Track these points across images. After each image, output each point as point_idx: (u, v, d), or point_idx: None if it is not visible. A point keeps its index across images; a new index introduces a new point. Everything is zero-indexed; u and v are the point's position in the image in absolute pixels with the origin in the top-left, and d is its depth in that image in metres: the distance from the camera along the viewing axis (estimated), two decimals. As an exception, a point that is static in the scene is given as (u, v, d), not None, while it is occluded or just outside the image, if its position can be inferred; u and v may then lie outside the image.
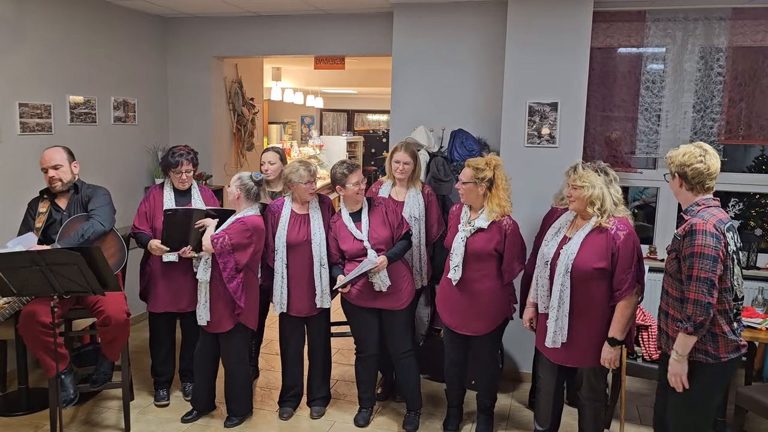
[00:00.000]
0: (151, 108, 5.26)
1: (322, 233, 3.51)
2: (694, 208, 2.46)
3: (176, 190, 3.74)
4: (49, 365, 3.18)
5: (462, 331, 3.34)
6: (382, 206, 3.50)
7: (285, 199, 3.58)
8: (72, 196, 3.49)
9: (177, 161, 3.64)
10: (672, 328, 2.50)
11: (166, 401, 3.84)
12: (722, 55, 4.08)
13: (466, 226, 3.24)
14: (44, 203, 3.47)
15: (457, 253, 3.23)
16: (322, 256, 3.49)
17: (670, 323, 2.51)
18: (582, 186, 2.81)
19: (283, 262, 3.49)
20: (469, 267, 3.22)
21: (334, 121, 13.64)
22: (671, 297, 2.52)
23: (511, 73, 4.13)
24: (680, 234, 2.44)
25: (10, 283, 2.86)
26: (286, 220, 3.50)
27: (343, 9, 4.81)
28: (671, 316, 2.51)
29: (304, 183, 3.44)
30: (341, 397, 4.00)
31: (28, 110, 4.11)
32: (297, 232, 3.48)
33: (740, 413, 3.23)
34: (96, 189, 3.54)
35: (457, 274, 3.23)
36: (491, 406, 3.55)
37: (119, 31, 4.87)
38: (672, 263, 2.49)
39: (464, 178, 3.24)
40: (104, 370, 3.57)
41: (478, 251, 3.21)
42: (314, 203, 3.56)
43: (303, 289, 3.51)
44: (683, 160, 2.44)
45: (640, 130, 4.26)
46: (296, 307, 3.54)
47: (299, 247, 3.48)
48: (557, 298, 2.86)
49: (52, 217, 3.43)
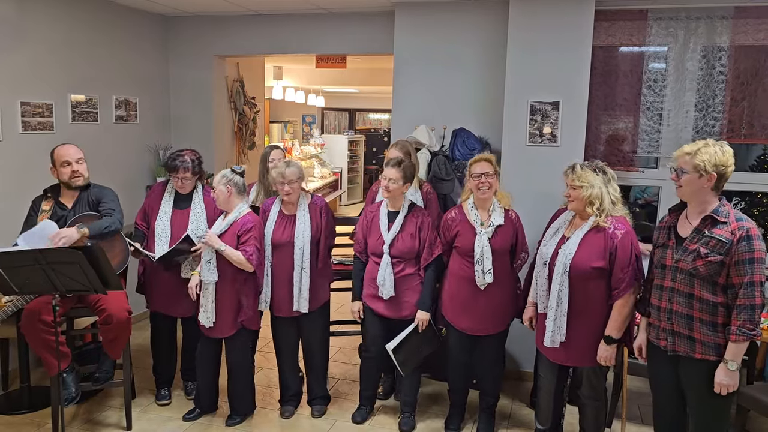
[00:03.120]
0: (153, 107, 5.26)
1: (306, 236, 3.46)
2: (723, 209, 2.44)
3: (177, 193, 3.71)
4: (51, 364, 3.19)
5: (477, 332, 3.34)
6: (420, 218, 3.42)
7: (276, 198, 3.58)
8: (80, 194, 3.47)
9: (174, 166, 3.60)
10: (701, 332, 2.44)
11: (168, 400, 3.84)
12: (724, 53, 4.06)
13: (483, 227, 3.23)
14: (48, 202, 3.45)
15: (486, 256, 3.19)
16: (304, 259, 3.46)
17: (697, 326, 2.45)
18: (581, 186, 2.81)
19: (269, 260, 3.49)
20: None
21: (336, 120, 13.64)
22: (701, 301, 2.44)
23: (512, 71, 4.13)
24: (728, 238, 2.37)
25: (12, 281, 2.85)
26: (273, 219, 3.50)
27: (345, 8, 4.80)
28: (699, 320, 2.45)
29: (277, 184, 3.43)
30: (342, 396, 4.00)
31: (30, 109, 4.12)
32: (282, 233, 3.47)
33: (742, 413, 3.23)
34: (103, 189, 3.53)
35: (491, 277, 3.20)
36: (494, 405, 3.55)
37: (121, 29, 4.87)
38: (711, 266, 2.40)
39: (488, 170, 3.20)
40: (106, 369, 3.57)
41: (500, 249, 3.24)
42: (303, 205, 3.52)
43: (285, 290, 3.50)
44: (723, 160, 2.40)
45: (642, 129, 4.25)
46: (278, 307, 3.54)
47: (283, 248, 3.47)
48: (556, 298, 2.86)
49: (57, 215, 3.41)
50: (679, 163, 2.48)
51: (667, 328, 2.55)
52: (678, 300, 2.50)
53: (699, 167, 2.40)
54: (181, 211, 3.67)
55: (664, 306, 2.56)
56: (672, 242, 2.55)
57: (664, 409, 2.69)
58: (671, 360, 2.57)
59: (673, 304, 2.52)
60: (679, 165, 2.48)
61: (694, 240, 2.45)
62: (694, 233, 2.47)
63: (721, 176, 2.42)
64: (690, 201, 2.52)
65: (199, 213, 3.66)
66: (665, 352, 2.57)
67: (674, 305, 2.51)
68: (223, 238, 3.33)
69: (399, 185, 3.34)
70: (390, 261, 3.37)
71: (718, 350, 2.44)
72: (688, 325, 2.48)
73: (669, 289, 2.53)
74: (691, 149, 2.45)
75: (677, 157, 2.50)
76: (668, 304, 2.54)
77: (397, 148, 3.71)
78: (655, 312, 2.61)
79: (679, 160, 2.48)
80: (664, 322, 2.56)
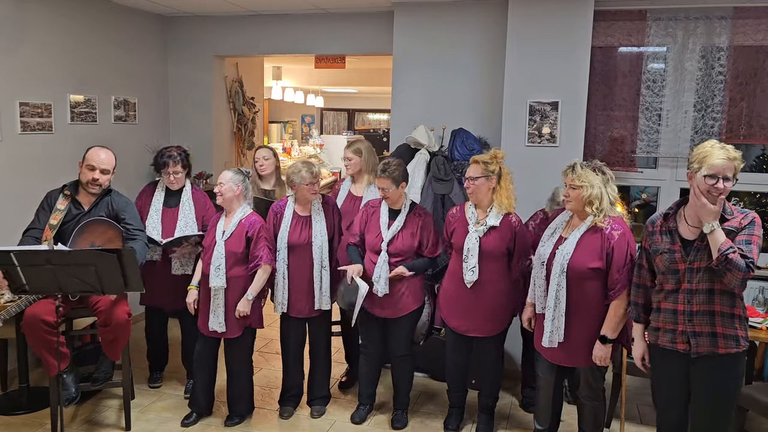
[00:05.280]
0: (152, 107, 5.26)
1: (324, 236, 3.50)
2: (727, 207, 2.46)
3: (168, 190, 3.80)
4: (51, 364, 3.18)
5: (471, 333, 3.33)
6: (422, 220, 3.43)
7: (288, 200, 3.58)
8: (100, 199, 3.43)
9: (164, 162, 3.71)
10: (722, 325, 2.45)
11: (158, 383, 4.05)
12: (723, 54, 4.07)
13: (476, 225, 3.23)
14: (64, 200, 3.36)
15: (472, 254, 3.20)
16: (323, 258, 3.49)
17: (719, 320, 2.44)
18: (581, 186, 2.80)
19: (285, 263, 3.49)
20: (482, 267, 3.22)
21: (335, 120, 13.64)
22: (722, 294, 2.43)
23: (511, 72, 4.13)
24: (736, 226, 2.40)
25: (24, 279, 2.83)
26: (288, 221, 3.50)
27: (344, 8, 4.80)
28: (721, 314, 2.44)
29: (306, 184, 3.43)
30: (341, 397, 4.00)
31: (29, 109, 4.11)
32: (299, 234, 3.47)
33: (741, 412, 3.23)
34: (126, 200, 3.52)
35: (474, 275, 3.21)
36: (493, 406, 3.55)
37: (120, 30, 4.86)
38: None
39: (474, 174, 3.20)
40: (105, 369, 3.57)
41: (492, 251, 3.21)
42: (317, 205, 3.54)
43: (303, 290, 3.51)
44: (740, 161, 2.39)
45: (641, 130, 4.25)
46: (296, 308, 3.54)
47: (300, 249, 3.48)
48: (553, 298, 2.86)
49: (71, 214, 3.35)
50: (724, 170, 2.34)
51: (688, 330, 2.49)
52: (698, 299, 2.46)
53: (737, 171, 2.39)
54: (171, 210, 3.76)
55: (681, 309, 2.50)
56: (678, 246, 2.50)
57: (670, 413, 2.66)
58: (686, 362, 2.53)
59: (692, 305, 2.47)
60: (723, 173, 2.34)
61: (705, 239, 2.41)
62: (703, 233, 2.41)
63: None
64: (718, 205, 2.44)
65: (187, 211, 3.75)
66: (684, 355, 2.52)
67: (694, 306, 2.47)
68: (231, 240, 3.36)
69: (393, 189, 3.35)
70: (387, 258, 3.37)
71: (737, 342, 2.45)
72: (711, 322, 2.46)
73: (687, 291, 2.48)
74: (737, 154, 2.37)
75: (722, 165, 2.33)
76: (687, 306, 2.48)
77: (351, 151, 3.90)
78: (670, 316, 2.54)
79: (723, 166, 2.34)
80: (683, 325, 2.50)
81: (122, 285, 2.85)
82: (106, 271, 2.78)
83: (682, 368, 2.56)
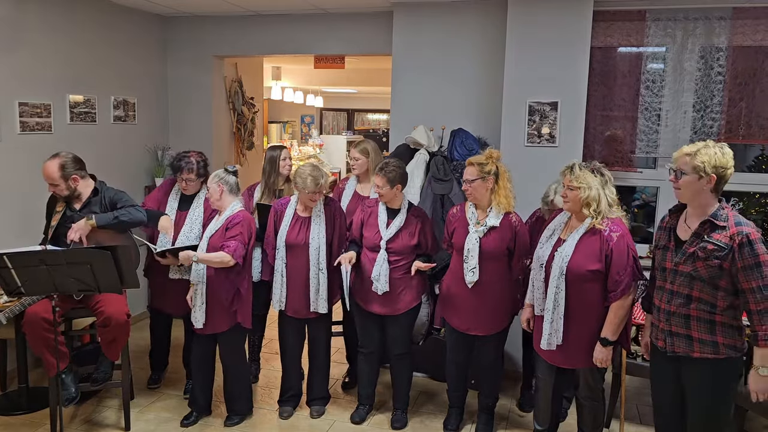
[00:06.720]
0: (151, 107, 5.25)
1: (321, 238, 3.48)
2: (721, 212, 2.41)
3: (182, 194, 3.79)
4: (50, 364, 3.19)
5: (472, 331, 3.34)
6: (420, 221, 3.44)
7: (291, 199, 3.58)
8: (89, 199, 3.45)
9: (179, 167, 3.69)
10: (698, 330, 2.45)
11: (156, 384, 4.04)
12: (722, 54, 4.07)
13: (476, 226, 3.23)
14: (61, 203, 3.44)
15: (472, 254, 3.20)
16: (319, 260, 3.47)
17: (695, 324, 2.45)
18: (579, 187, 2.79)
19: (283, 261, 3.49)
20: (482, 268, 3.22)
21: (334, 121, 13.63)
22: (699, 301, 2.44)
23: (511, 72, 4.13)
24: (727, 243, 2.35)
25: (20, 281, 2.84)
26: (288, 220, 3.50)
27: (343, 8, 4.80)
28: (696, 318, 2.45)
29: (307, 192, 3.43)
30: (341, 397, 4.00)
31: (28, 109, 4.11)
32: (296, 234, 3.47)
33: (740, 412, 3.23)
34: (118, 192, 3.53)
35: (474, 276, 3.21)
36: (493, 406, 3.56)
37: (119, 30, 4.86)
38: (710, 269, 2.38)
39: (470, 176, 3.20)
40: (104, 369, 3.57)
41: (492, 251, 3.20)
42: (319, 207, 3.53)
43: (299, 290, 3.51)
44: (723, 161, 2.36)
45: (640, 130, 4.25)
46: (293, 308, 3.54)
47: (297, 249, 3.48)
48: (552, 300, 2.85)
49: (67, 215, 3.41)
50: (679, 164, 2.43)
51: (665, 329, 2.54)
52: (676, 302, 2.49)
53: (698, 168, 2.37)
54: (183, 213, 3.74)
55: (663, 307, 2.55)
56: (672, 245, 2.53)
57: (664, 410, 2.69)
58: (670, 360, 2.57)
59: (671, 305, 2.51)
60: (678, 166, 2.43)
61: (693, 243, 2.44)
62: (693, 237, 2.45)
63: (721, 178, 2.39)
64: (689, 203, 2.49)
65: (195, 216, 3.71)
66: (664, 352, 2.57)
67: (672, 307, 2.51)
68: (216, 235, 3.36)
69: (387, 189, 3.35)
70: (386, 257, 3.37)
71: (716, 348, 2.44)
72: (686, 324, 2.48)
73: (669, 292, 2.52)
74: (691, 150, 2.41)
75: (676, 159, 2.46)
76: (667, 305, 2.53)
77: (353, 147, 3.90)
78: (655, 312, 2.61)
79: (678, 161, 2.44)
80: (663, 323, 2.55)
81: (118, 282, 2.86)
82: (102, 269, 2.79)
83: (670, 365, 2.58)
